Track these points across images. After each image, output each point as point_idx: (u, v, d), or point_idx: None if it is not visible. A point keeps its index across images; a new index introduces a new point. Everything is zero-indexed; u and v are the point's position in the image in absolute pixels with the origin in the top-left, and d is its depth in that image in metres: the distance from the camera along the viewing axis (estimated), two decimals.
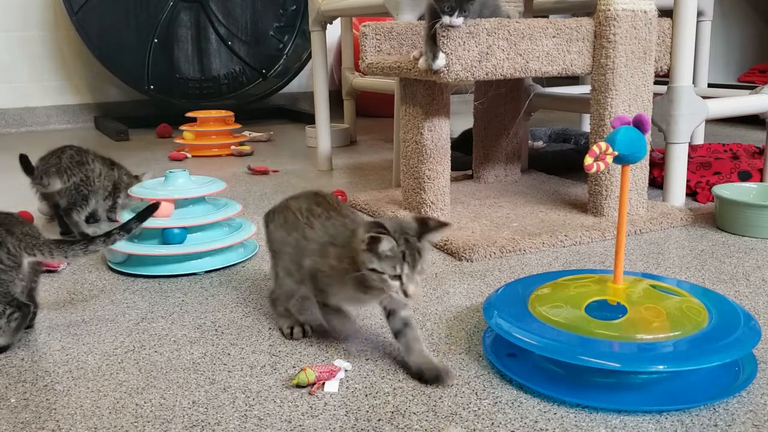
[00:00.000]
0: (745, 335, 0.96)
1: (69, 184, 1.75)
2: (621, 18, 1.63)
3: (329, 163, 2.63)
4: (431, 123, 1.71)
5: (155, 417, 0.93)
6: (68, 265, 1.55)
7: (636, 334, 0.95)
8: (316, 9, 2.51)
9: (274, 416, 0.92)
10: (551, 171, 2.30)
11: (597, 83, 1.70)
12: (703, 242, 1.63)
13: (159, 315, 1.27)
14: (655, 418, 0.90)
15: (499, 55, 1.55)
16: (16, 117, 3.96)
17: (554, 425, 0.88)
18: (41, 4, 3.90)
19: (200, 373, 1.04)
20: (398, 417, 0.91)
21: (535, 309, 1.05)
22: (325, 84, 2.61)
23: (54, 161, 1.76)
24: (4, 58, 3.88)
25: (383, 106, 3.84)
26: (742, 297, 1.29)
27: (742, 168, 2.07)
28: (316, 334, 1.17)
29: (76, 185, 1.76)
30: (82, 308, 1.31)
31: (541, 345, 0.95)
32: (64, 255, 1.17)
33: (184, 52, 3.84)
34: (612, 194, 1.72)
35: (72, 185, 1.75)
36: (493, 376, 1.01)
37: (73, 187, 1.76)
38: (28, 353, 1.13)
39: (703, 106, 1.80)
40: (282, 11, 4.00)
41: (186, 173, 1.59)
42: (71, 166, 1.76)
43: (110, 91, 4.07)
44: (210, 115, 3.08)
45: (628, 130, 1.02)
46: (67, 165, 1.76)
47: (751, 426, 0.87)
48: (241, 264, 1.54)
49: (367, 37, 1.84)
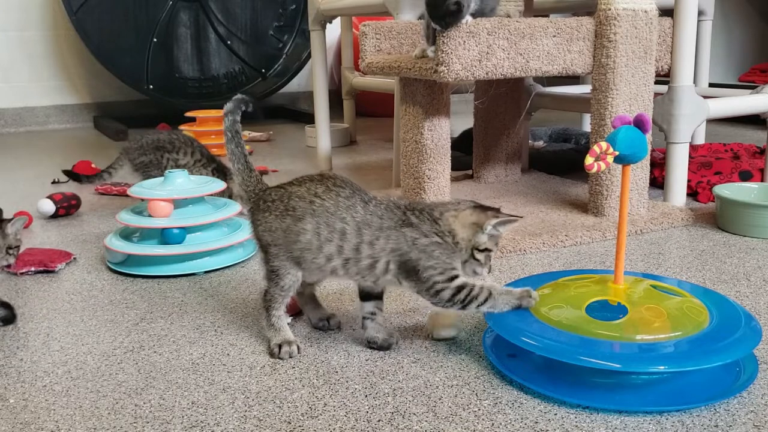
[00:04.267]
0: (746, 336, 0.96)
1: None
2: (622, 17, 1.63)
3: (329, 162, 2.63)
4: (431, 123, 1.70)
5: (154, 417, 0.92)
6: (67, 265, 1.55)
7: (637, 335, 0.95)
8: (315, 8, 2.50)
9: (273, 417, 0.92)
10: (552, 171, 2.30)
11: (597, 83, 1.69)
12: (704, 242, 1.62)
13: (158, 315, 1.27)
14: (656, 418, 0.89)
15: (499, 54, 1.55)
16: (15, 117, 3.95)
17: (554, 426, 0.88)
18: (41, 4, 3.89)
19: (199, 374, 1.04)
20: (398, 417, 0.91)
21: (535, 309, 1.04)
22: (324, 83, 2.60)
23: None
24: (4, 58, 3.87)
25: (383, 106, 3.83)
26: (742, 297, 1.28)
27: (743, 168, 2.07)
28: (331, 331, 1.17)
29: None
30: (81, 308, 1.31)
31: (542, 346, 0.95)
32: None
33: (184, 52, 3.84)
34: (612, 194, 1.72)
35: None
36: (494, 376, 1.01)
37: None
38: (28, 354, 1.12)
39: (703, 106, 1.80)
40: (281, 11, 4.00)
41: (185, 173, 1.59)
42: None
43: (109, 90, 4.07)
44: (209, 115, 3.07)
45: (628, 129, 1.02)
46: None
47: (752, 426, 0.87)
48: (240, 264, 1.54)
49: (366, 37, 1.83)
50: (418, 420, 0.90)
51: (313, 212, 1.05)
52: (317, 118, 2.62)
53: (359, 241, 1.04)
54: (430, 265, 1.02)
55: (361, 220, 1.04)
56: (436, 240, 1.03)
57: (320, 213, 1.05)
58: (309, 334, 1.17)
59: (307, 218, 1.05)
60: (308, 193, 1.07)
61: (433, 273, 1.02)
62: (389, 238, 1.03)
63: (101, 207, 2.10)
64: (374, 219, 1.04)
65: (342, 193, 1.06)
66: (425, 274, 1.02)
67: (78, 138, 3.64)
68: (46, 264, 1.51)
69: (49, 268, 1.51)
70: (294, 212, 1.06)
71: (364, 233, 1.04)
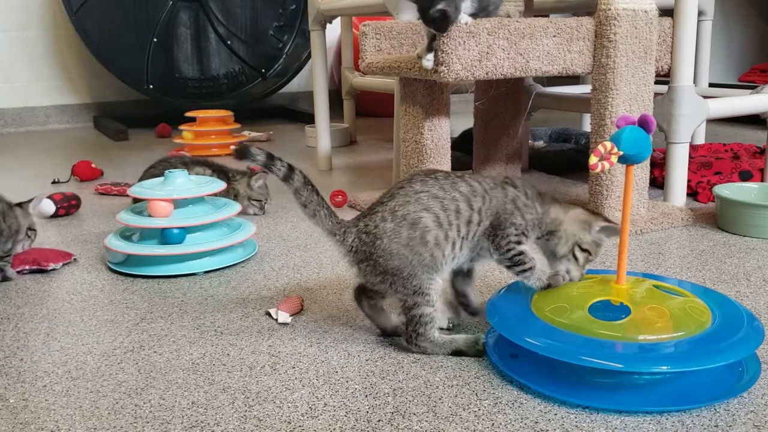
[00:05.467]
0: (749, 336, 0.95)
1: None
2: (622, 17, 1.63)
3: (329, 162, 2.63)
4: (431, 123, 1.70)
5: (154, 417, 0.92)
6: (64, 266, 1.54)
7: (640, 335, 0.95)
8: (315, 8, 2.50)
9: (273, 417, 0.92)
10: (552, 171, 2.30)
11: (597, 83, 1.69)
12: (704, 242, 1.62)
13: (158, 315, 1.27)
14: (656, 418, 0.89)
15: (499, 54, 1.55)
16: (15, 117, 3.95)
17: (554, 426, 0.88)
18: (41, 4, 3.89)
19: (199, 374, 1.04)
20: (398, 417, 0.91)
21: (537, 309, 1.04)
22: (324, 83, 2.60)
23: None
24: (4, 58, 3.87)
25: (383, 106, 3.83)
26: (743, 297, 1.28)
27: (743, 168, 2.07)
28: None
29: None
30: (81, 308, 1.31)
31: (545, 346, 0.95)
32: None
33: (184, 52, 3.84)
34: (613, 194, 1.72)
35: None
36: (494, 376, 1.01)
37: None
38: (28, 353, 1.12)
39: (703, 106, 1.80)
40: (281, 11, 4.00)
41: (185, 173, 1.59)
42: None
43: (109, 90, 4.07)
44: (209, 115, 3.07)
45: (633, 129, 1.02)
46: None
47: (752, 426, 0.87)
48: (240, 264, 1.54)
49: (366, 37, 1.83)
50: (418, 420, 0.90)
51: (426, 207, 1.03)
52: (317, 118, 2.62)
53: (471, 212, 1.06)
54: (516, 224, 1.06)
55: (468, 191, 1.06)
56: (532, 208, 1.08)
57: (432, 204, 1.04)
58: (309, 334, 1.17)
59: (423, 215, 1.03)
60: (408, 196, 1.04)
61: (513, 231, 1.06)
62: (493, 198, 1.07)
63: (101, 207, 2.10)
64: (478, 186, 1.07)
65: (438, 177, 1.07)
66: (508, 230, 1.06)
67: (78, 138, 3.64)
68: (40, 263, 1.50)
69: (42, 267, 1.50)
70: (406, 219, 1.03)
71: (473, 203, 1.06)
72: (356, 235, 1.05)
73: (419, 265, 1.03)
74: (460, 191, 1.05)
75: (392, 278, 1.04)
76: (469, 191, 1.06)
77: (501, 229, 1.06)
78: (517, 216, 1.06)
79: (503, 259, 1.07)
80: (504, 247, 1.06)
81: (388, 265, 1.03)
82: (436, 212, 1.03)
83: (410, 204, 1.03)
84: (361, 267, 1.06)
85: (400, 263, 1.03)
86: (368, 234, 1.04)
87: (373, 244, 1.03)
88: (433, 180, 1.06)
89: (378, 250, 1.03)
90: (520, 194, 1.08)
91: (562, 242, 1.08)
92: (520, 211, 1.07)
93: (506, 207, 1.07)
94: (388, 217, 1.03)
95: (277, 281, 1.42)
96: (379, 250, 1.03)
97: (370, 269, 1.05)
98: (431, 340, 1.06)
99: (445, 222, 1.03)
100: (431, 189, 1.04)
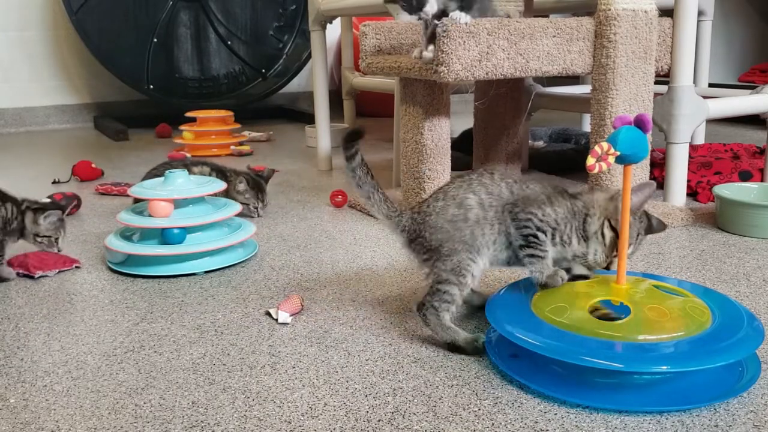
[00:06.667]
0: (749, 336, 0.95)
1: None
2: (621, 17, 1.63)
3: (329, 162, 2.63)
4: (431, 123, 1.70)
5: (155, 417, 0.92)
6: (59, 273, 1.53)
7: (640, 335, 0.95)
8: (315, 9, 2.50)
9: (273, 417, 0.92)
10: (552, 171, 2.30)
11: (597, 83, 1.69)
12: (704, 242, 1.62)
13: (158, 315, 1.27)
14: (656, 418, 0.89)
15: (499, 54, 1.55)
16: (15, 117, 3.95)
17: (554, 426, 0.88)
18: (41, 4, 3.90)
19: (200, 374, 1.04)
20: (398, 417, 0.91)
21: (538, 309, 1.04)
22: (324, 84, 2.60)
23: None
24: (4, 58, 3.87)
25: (383, 106, 3.83)
26: (743, 297, 1.28)
27: (743, 168, 2.07)
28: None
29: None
30: (81, 308, 1.31)
31: (545, 346, 0.95)
32: None
33: (184, 52, 3.84)
34: None
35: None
36: (494, 376, 1.01)
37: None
38: (28, 353, 1.12)
39: (703, 106, 1.80)
40: (282, 11, 4.00)
41: (185, 173, 1.59)
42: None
43: (110, 90, 4.07)
44: (209, 115, 3.07)
45: (629, 130, 1.02)
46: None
47: (752, 426, 0.87)
48: (240, 264, 1.54)
49: (366, 37, 1.83)
50: (418, 420, 0.90)
51: (473, 191, 1.12)
52: (317, 118, 2.62)
53: (511, 197, 1.11)
54: (543, 210, 1.09)
55: (512, 181, 1.13)
56: (568, 201, 1.11)
57: (478, 188, 1.12)
58: (309, 334, 1.17)
59: (470, 196, 1.11)
60: (463, 182, 1.14)
61: (538, 213, 1.09)
62: (530, 186, 1.13)
63: (101, 207, 2.10)
64: (522, 183, 1.14)
65: (486, 173, 1.15)
66: (533, 209, 1.09)
67: (78, 138, 3.64)
68: (28, 268, 1.47)
69: (29, 273, 1.47)
70: (455, 199, 1.12)
71: (514, 189, 1.12)
72: (410, 216, 1.15)
73: (459, 241, 1.09)
74: (506, 182, 1.13)
75: (436, 255, 1.10)
76: (513, 181, 1.13)
77: (526, 205, 1.10)
78: (547, 206, 1.10)
79: (518, 235, 1.09)
80: (522, 221, 1.09)
81: (433, 239, 1.11)
82: (481, 195, 1.11)
83: (462, 188, 1.13)
84: (412, 246, 1.14)
85: (443, 237, 1.10)
86: (420, 213, 1.14)
87: (423, 221, 1.13)
88: (488, 174, 1.15)
89: (426, 227, 1.12)
90: (557, 194, 1.13)
91: (594, 219, 1.11)
92: (551, 203, 1.10)
93: (539, 197, 1.11)
94: (440, 197, 1.14)
95: (277, 281, 1.43)
96: (427, 226, 1.12)
97: (419, 247, 1.13)
98: (439, 318, 1.10)
99: (486, 204, 1.11)
100: (482, 178, 1.14)
